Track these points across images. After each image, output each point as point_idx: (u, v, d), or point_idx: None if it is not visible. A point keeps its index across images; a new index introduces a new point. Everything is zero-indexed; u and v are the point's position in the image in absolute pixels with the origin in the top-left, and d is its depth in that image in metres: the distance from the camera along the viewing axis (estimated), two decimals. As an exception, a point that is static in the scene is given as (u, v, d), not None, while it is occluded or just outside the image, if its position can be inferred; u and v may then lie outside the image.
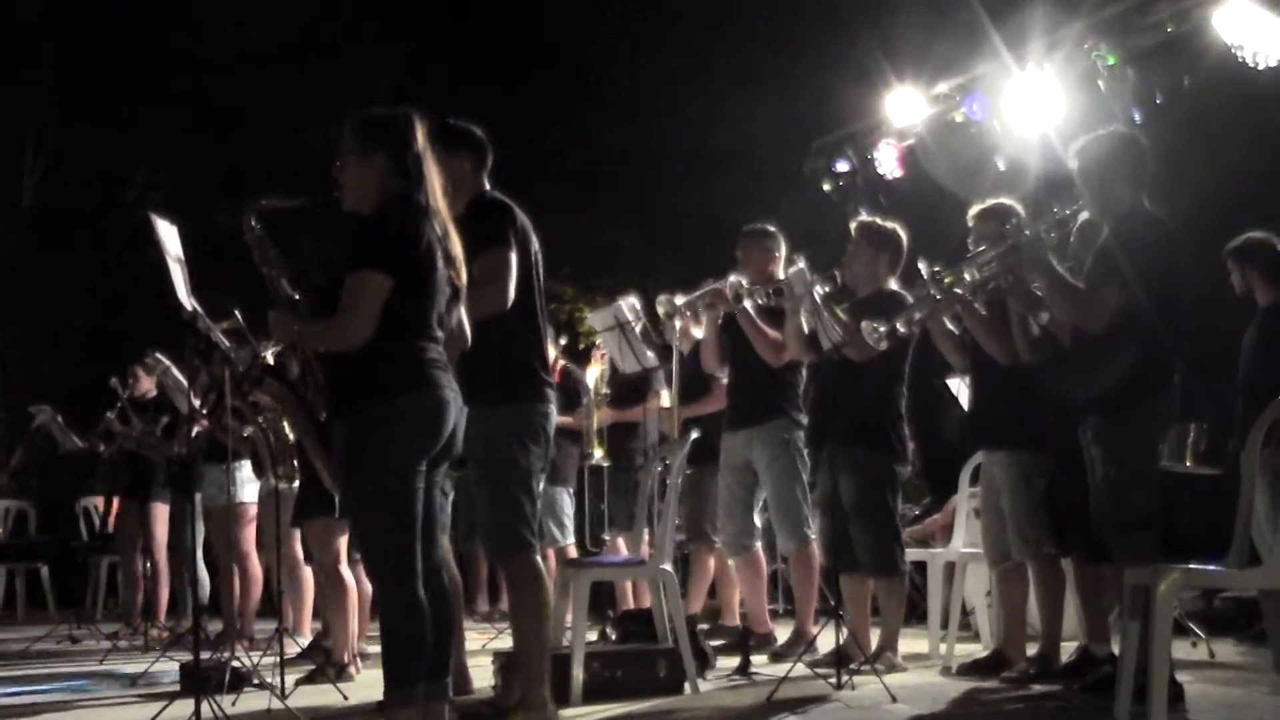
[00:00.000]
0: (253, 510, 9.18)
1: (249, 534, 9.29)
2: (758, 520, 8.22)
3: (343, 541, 7.31)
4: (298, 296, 4.85)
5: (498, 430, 5.28)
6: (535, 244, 5.52)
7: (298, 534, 8.05)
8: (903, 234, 7.54)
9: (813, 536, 7.91)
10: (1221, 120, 9.45)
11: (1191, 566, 5.14)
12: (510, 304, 5.24)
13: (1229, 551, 5.14)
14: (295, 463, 6.13)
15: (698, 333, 8.45)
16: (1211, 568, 5.23)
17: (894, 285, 7.44)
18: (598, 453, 9.50)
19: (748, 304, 7.84)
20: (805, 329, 7.49)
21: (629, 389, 9.37)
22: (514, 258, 5.27)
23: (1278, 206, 8.96)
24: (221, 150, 16.79)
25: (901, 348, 7.13)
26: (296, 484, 7.53)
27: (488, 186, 5.60)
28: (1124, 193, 5.85)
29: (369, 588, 7.07)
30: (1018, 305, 6.41)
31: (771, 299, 7.84)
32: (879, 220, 7.81)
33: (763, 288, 7.88)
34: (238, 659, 6.89)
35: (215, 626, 9.03)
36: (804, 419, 7.91)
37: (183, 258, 6.17)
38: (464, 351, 5.00)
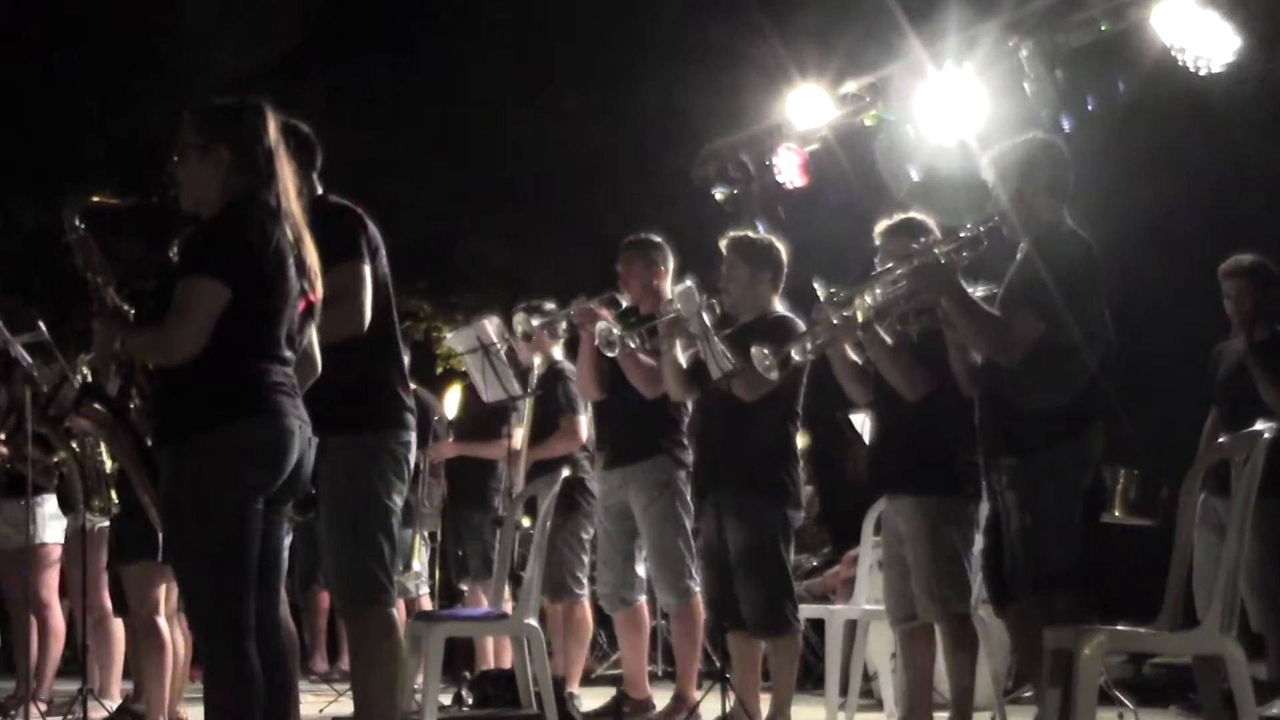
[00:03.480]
0: (56, 553, 8.97)
1: (50, 580, 9.08)
2: (640, 570, 8.12)
3: (164, 589, 7.17)
4: (126, 307, 4.81)
5: (354, 461, 5.25)
6: (384, 254, 5.49)
7: (106, 579, 7.92)
8: (780, 248, 7.52)
9: (696, 589, 7.88)
10: (1160, 129, 9.62)
11: (1119, 628, 5.24)
12: (367, 325, 5.21)
13: (1161, 612, 5.26)
14: (113, 495, 6.05)
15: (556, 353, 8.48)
16: (1141, 630, 5.34)
17: (779, 307, 7.43)
18: None
19: (616, 352, 7.63)
20: (684, 364, 7.43)
21: (480, 422, 9.31)
22: (369, 271, 5.24)
23: (1220, 223, 9.17)
24: (25, 138, 16.45)
25: (794, 379, 7.13)
26: (106, 522, 7.42)
27: (320, 189, 5.55)
28: (1043, 206, 5.90)
29: (186, 640, 7.02)
30: (955, 334, 6.35)
31: (646, 342, 7.67)
32: (751, 234, 7.80)
33: (634, 332, 7.70)
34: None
35: (7, 686, 8.86)
36: (688, 457, 7.89)
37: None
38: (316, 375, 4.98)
